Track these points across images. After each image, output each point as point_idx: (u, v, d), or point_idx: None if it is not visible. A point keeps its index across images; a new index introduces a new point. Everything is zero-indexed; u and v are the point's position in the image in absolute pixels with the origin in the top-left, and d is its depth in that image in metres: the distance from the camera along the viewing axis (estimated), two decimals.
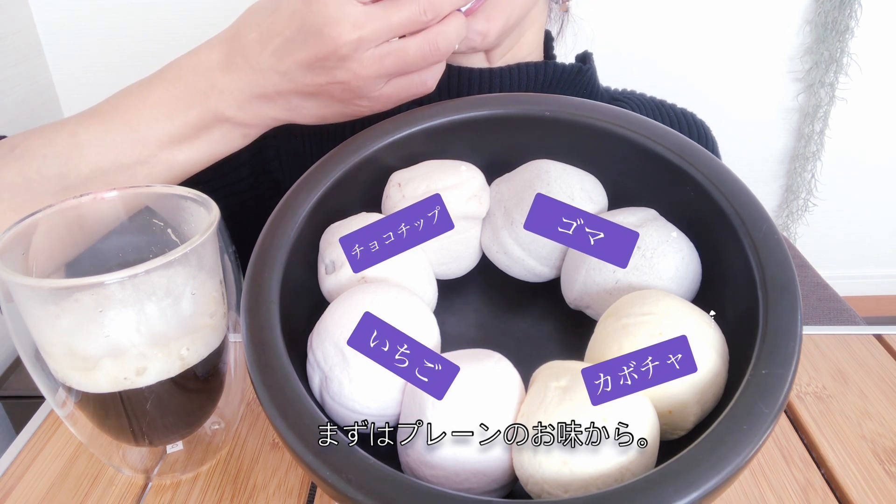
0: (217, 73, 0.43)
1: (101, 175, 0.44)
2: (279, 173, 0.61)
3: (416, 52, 0.40)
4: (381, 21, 0.39)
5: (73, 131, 0.44)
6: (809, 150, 1.62)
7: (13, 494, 0.39)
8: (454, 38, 0.41)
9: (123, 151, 0.43)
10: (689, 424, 0.32)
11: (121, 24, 1.44)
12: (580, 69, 0.58)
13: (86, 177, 0.43)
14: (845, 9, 1.46)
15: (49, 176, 0.43)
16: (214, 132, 0.44)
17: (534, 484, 0.29)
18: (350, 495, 0.27)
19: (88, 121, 0.44)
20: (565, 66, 0.58)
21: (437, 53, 0.41)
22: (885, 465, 0.40)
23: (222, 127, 0.44)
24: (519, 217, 0.40)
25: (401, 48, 0.40)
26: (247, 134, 0.46)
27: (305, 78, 0.41)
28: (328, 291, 0.38)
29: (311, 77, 0.41)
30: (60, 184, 0.43)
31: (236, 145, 0.46)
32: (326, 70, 0.40)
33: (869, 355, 0.48)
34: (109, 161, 0.43)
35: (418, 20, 0.40)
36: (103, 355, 0.33)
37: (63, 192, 0.43)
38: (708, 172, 0.38)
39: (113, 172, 0.44)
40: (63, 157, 0.43)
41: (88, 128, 0.44)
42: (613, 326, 0.33)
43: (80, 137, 0.43)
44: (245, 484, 0.39)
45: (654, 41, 1.54)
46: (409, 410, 0.32)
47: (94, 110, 0.45)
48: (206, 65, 0.43)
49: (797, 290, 0.32)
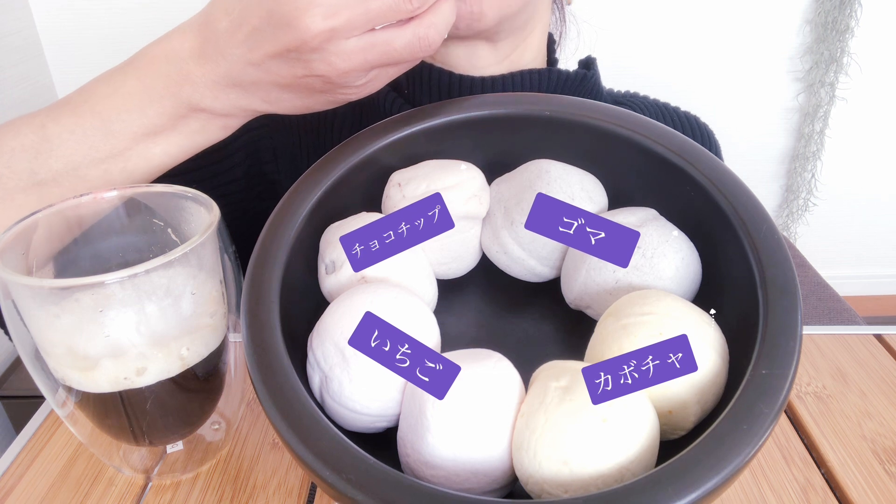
0: (190, 63, 0.40)
1: (73, 170, 0.41)
2: (276, 174, 0.60)
3: (404, 47, 0.37)
4: (357, 9, 0.36)
5: (43, 123, 0.41)
6: (809, 150, 1.62)
7: (13, 494, 0.39)
8: (444, 28, 0.38)
9: (95, 145, 0.41)
10: (689, 424, 0.32)
11: (121, 24, 1.44)
12: (584, 76, 0.58)
13: (58, 172, 0.41)
14: (845, 8, 1.46)
15: (19, 171, 0.41)
16: (191, 123, 0.42)
17: (534, 484, 0.29)
18: (350, 495, 0.27)
19: (58, 113, 0.42)
20: (569, 72, 0.57)
21: (427, 48, 0.38)
22: (885, 465, 0.40)
23: (199, 117, 0.42)
24: (519, 217, 0.40)
25: (387, 42, 0.37)
26: (226, 125, 0.43)
27: (280, 70, 0.38)
28: (328, 291, 0.38)
29: (287, 69, 0.38)
30: (32, 179, 0.41)
31: (215, 137, 0.43)
32: (302, 62, 0.37)
33: (869, 355, 0.48)
34: (81, 155, 0.41)
35: (401, 9, 0.36)
36: (103, 355, 0.33)
37: (35, 189, 0.41)
38: (708, 172, 0.38)
39: (85, 167, 0.41)
40: (32, 151, 0.41)
41: (58, 120, 0.41)
42: (613, 326, 0.33)
43: (50, 130, 0.41)
44: (245, 484, 0.39)
45: (654, 41, 1.55)
46: (409, 410, 0.32)
47: (65, 101, 0.42)
48: (179, 53, 0.40)
49: (797, 290, 0.32)
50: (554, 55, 0.60)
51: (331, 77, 0.38)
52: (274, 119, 0.60)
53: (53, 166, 0.41)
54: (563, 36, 0.64)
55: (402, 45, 0.37)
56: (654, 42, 1.55)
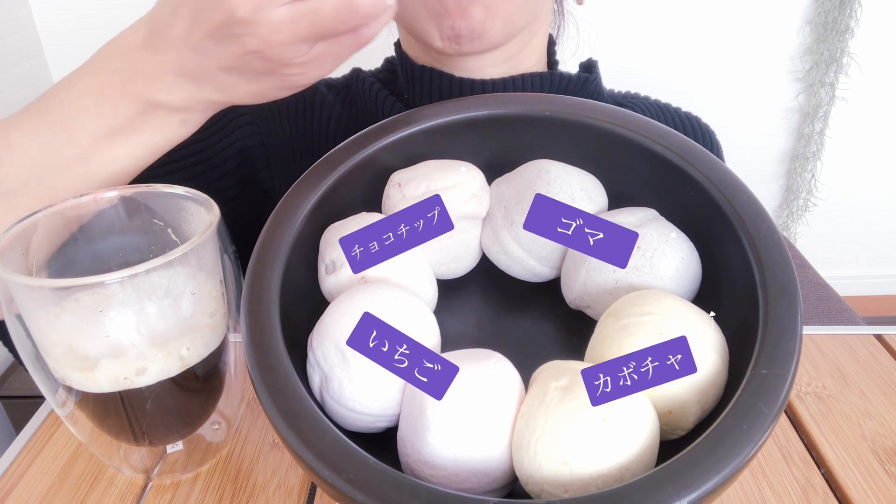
0: (140, 56, 0.39)
1: (37, 179, 0.40)
2: (269, 181, 0.60)
3: (331, 13, 0.34)
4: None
5: (6, 131, 0.40)
6: (809, 150, 1.62)
7: (13, 494, 0.39)
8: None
9: (57, 151, 0.40)
10: (689, 424, 0.32)
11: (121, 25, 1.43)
12: (585, 79, 0.57)
13: (24, 182, 0.40)
14: (845, 9, 1.46)
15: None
16: (149, 121, 0.40)
17: (534, 484, 0.29)
18: (350, 495, 0.27)
19: (20, 119, 0.41)
20: (570, 76, 0.57)
21: (355, 15, 0.34)
22: (885, 465, 0.40)
23: (157, 114, 0.40)
24: (519, 217, 0.40)
25: (312, 10, 0.34)
26: (186, 120, 0.41)
27: (217, 51, 0.36)
28: (328, 291, 0.38)
29: (223, 49, 0.36)
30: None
31: (177, 134, 0.42)
32: (234, 39, 0.35)
33: (869, 355, 0.48)
34: (44, 162, 0.40)
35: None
36: (103, 355, 0.33)
37: (3, 200, 0.40)
38: (708, 172, 0.38)
39: (49, 175, 0.40)
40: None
41: (20, 127, 0.40)
42: (613, 326, 0.33)
43: (13, 138, 0.40)
44: (245, 484, 0.39)
45: (654, 41, 1.54)
46: (409, 410, 0.32)
47: (27, 107, 0.41)
48: (130, 47, 0.39)
49: (797, 290, 0.32)
50: (554, 57, 0.60)
51: (265, 52, 0.36)
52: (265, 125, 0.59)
53: (19, 175, 0.40)
54: (562, 32, 0.64)
55: (330, 12, 0.34)
56: (654, 42, 1.55)
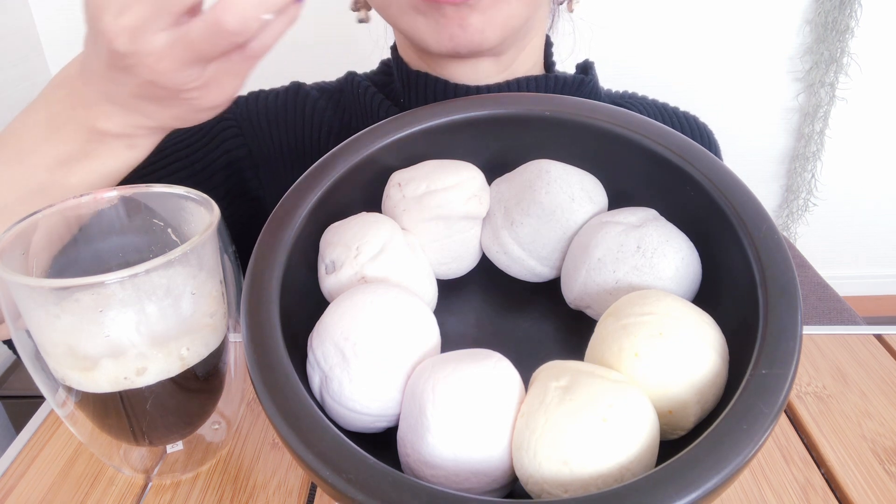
0: (77, 84, 0.39)
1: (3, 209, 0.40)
2: (259, 190, 0.59)
3: (201, 36, 0.32)
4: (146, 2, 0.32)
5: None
6: (809, 150, 1.62)
7: (13, 494, 0.39)
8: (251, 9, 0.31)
9: (18, 182, 0.40)
10: (689, 424, 0.32)
11: None
12: (582, 80, 0.57)
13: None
14: (845, 9, 1.47)
15: None
16: (98, 148, 0.40)
17: (534, 484, 0.29)
18: (350, 495, 0.27)
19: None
20: (566, 78, 0.57)
21: (224, 34, 0.32)
22: (885, 465, 0.40)
23: (103, 140, 0.40)
24: (519, 217, 0.40)
25: (184, 34, 0.32)
26: (133, 145, 0.41)
27: (122, 80, 0.36)
28: (328, 291, 0.38)
29: (125, 77, 0.35)
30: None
31: (128, 159, 0.41)
32: (127, 70, 0.35)
33: (869, 355, 0.48)
34: (6, 192, 0.40)
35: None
36: (103, 355, 0.33)
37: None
38: (708, 172, 0.38)
39: (12, 205, 0.40)
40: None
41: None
42: (613, 326, 0.33)
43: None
44: (245, 484, 0.39)
45: (653, 41, 1.55)
46: (409, 410, 0.32)
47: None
48: (71, 76, 0.40)
49: (797, 290, 0.32)
50: (551, 59, 0.60)
51: (158, 81, 0.35)
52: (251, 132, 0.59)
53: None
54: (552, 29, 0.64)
55: (199, 35, 0.32)
56: (654, 42, 1.55)
